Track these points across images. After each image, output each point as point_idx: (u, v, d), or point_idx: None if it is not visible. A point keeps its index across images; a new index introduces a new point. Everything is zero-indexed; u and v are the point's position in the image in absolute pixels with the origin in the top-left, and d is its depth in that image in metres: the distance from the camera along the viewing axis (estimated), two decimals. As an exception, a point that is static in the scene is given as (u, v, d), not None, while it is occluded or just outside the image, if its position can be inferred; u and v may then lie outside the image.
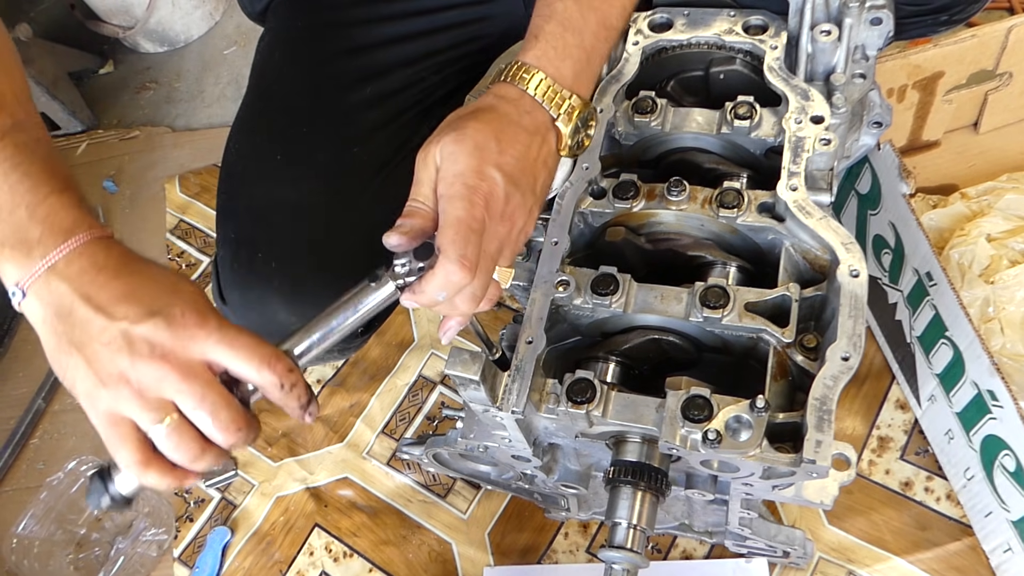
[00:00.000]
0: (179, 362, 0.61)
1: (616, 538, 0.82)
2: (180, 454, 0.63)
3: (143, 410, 0.61)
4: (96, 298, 0.62)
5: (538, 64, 0.81)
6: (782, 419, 0.77)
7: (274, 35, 1.15)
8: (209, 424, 0.62)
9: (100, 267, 0.64)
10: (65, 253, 0.63)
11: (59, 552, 1.32)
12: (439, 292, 0.71)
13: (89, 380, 0.62)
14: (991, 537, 1.07)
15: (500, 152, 0.75)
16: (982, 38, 1.22)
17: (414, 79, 1.08)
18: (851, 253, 0.80)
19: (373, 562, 1.24)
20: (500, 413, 0.79)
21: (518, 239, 0.77)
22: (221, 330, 0.63)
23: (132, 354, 0.61)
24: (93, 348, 0.61)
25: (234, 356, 0.63)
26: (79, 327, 0.62)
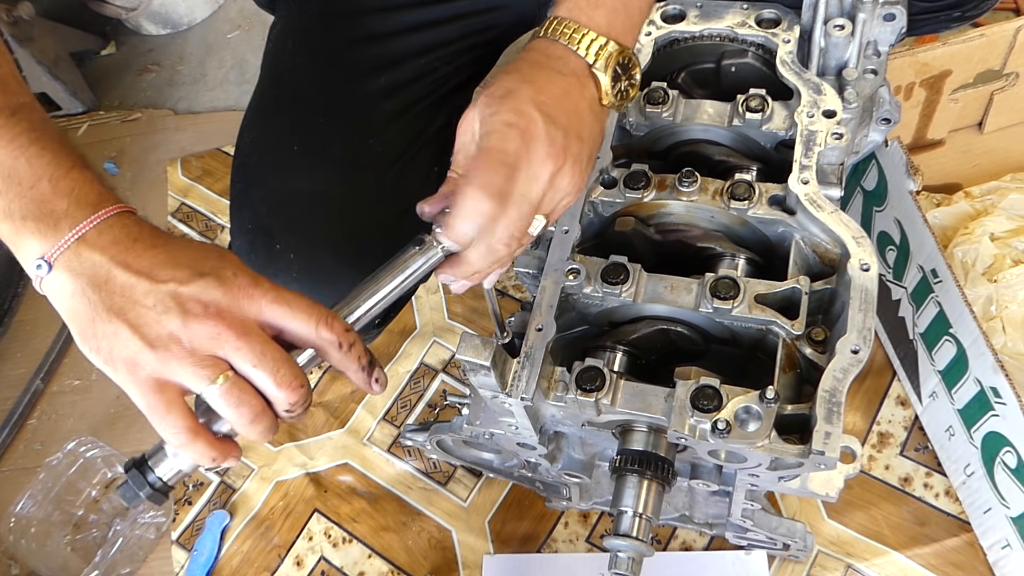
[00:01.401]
0: (234, 320, 0.59)
1: (622, 526, 0.82)
2: (239, 412, 0.60)
3: (197, 368, 0.59)
4: (136, 264, 0.60)
5: (569, 15, 0.77)
6: (790, 411, 0.77)
7: (286, 23, 1.14)
8: (269, 381, 0.60)
9: (134, 238, 0.62)
10: (96, 224, 0.61)
11: (56, 533, 1.32)
12: (466, 223, 0.67)
13: (134, 344, 0.59)
14: (990, 533, 1.08)
15: (537, 92, 0.71)
16: (990, 37, 1.22)
17: (427, 69, 1.08)
18: (861, 247, 0.80)
19: (372, 548, 1.24)
20: (509, 399, 0.79)
21: (565, 187, 0.72)
22: (276, 290, 0.62)
23: (184, 313, 0.59)
24: (137, 311, 0.59)
25: (291, 315, 0.62)
26: (119, 293, 0.59)
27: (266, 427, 0.62)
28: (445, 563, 1.21)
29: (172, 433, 0.61)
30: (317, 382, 1.40)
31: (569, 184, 0.72)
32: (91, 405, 1.49)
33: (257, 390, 0.61)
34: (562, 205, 0.74)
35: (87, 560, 1.27)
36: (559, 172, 0.71)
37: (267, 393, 0.61)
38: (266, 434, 0.63)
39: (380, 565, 1.23)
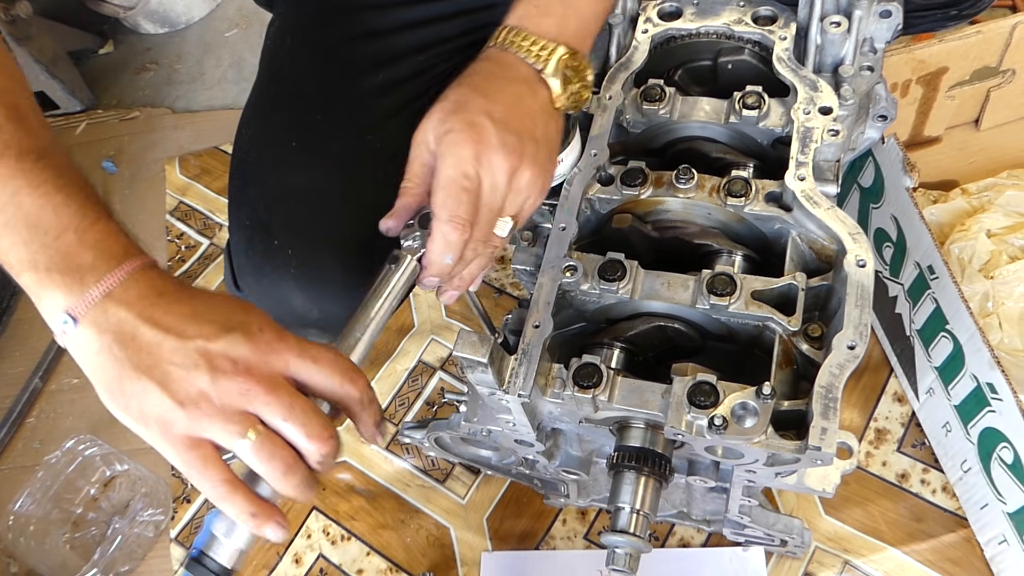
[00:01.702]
0: (263, 375, 0.60)
1: (619, 522, 0.83)
2: (271, 466, 0.60)
3: (227, 424, 0.59)
4: (163, 320, 0.60)
5: (518, 24, 0.81)
6: (787, 407, 0.77)
7: (284, 20, 1.14)
8: (299, 434, 0.61)
9: (160, 292, 0.61)
10: (121, 279, 0.61)
11: (55, 531, 1.32)
12: (443, 255, 0.71)
13: (164, 403, 0.59)
14: (986, 529, 1.08)
15: (488, 102, 0.74)
16: (987, 35, 1.22)
17: (425, 66, 1.08)
18: (858, 243, 0.80)
19: (371, 546, 1.24)
20: (506, 396, 0.80)
21: (526, 188, 0.75)
22: (302, 344, 0.63)
23: (212, 371, 0.59)
24: (165, 369, 0.59)
25: (318, 370, 0.63)
26: (145, 351, 0.59)
27: (300, 480, 0.63)
28: (443, 560, 1.21)
29: (210, 487, 0.61)
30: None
31: (529, 183, 0.75)
32: (90, 403, 1.49)
33: (288, 443, 0.62)
34: (528, 205, 0.77)
35: (86, 558, 1.27)
36: (516, 173, 0.73)
37: (298, 446, 0.62)
38: (302, 488, 0.63)
39: (378, 562, 1.23)
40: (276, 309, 1.01)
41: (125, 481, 1.36)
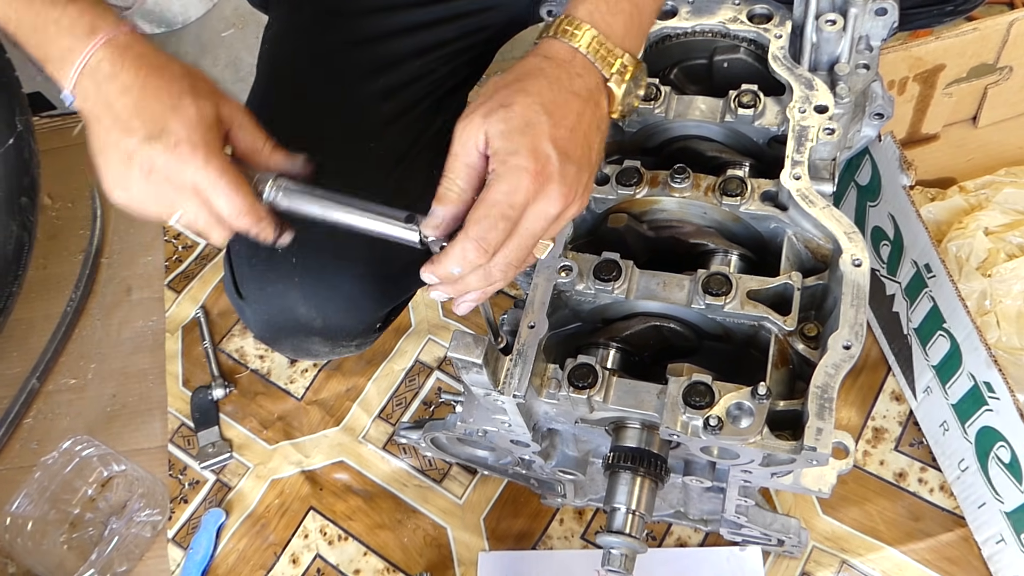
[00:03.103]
0: (174, 183, 0.71)
1: (615, 523, 0.82)
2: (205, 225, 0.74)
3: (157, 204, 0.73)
4: (112, 107, 0.71)
5: (589, 19, 0.75)
6: (782, 407, 0.77)
7: (281, 24, 1.14)
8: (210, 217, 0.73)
9: (115, 74, 0.71)
10: (88, 58, 0.71)
11: (53, 532, 1.32)
12: (453, 266, 0.70)
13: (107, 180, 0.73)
14: (984, 528, 1.08)
15: (554, 125, 0.70)
16: (983, 32, 1.22)
17: (424, 70, 1.07)
18: (853, 242, 0.80)
19: (368, 546, 1.24)
20: (501, 397, 0.79)
21: (571, 215, 0.74)
22: (206, 168, 0.70)
23: (139, 168, 0.71)
24: (108, 157, 0.72)
25: (213, 195, 0.71)
26: (101, 134, 0.71)
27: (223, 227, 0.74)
28: (440, 560, 1.21)
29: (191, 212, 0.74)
30: (314, 379, 1.40)
31: (574, 212, 0.74)
32: (87, 404, 1.49)
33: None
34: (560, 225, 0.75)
35: (83, 558, 1.27)
36: (569, 206, 0.72)
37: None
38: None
39: (376, 563, 1.23)
40: (280, 317, 1.01)
41: (122, 481, 1.35)
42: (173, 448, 1.39)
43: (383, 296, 1.03)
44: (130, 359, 1.53)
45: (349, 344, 1.09)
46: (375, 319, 1.06)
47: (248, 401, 1.40)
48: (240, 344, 1.47)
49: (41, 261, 1.67)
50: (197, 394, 1.42)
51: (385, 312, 1.07)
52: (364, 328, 1.06)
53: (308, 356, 1.20)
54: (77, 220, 1.74)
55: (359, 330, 1.05)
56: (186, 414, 1.41)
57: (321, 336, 1.03)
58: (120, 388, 1.49)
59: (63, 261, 1.68)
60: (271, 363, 1.44)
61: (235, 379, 1.43)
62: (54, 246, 1.71)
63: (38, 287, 1.64)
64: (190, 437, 1.39)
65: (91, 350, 1.56)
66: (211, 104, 0.74)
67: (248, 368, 1.44)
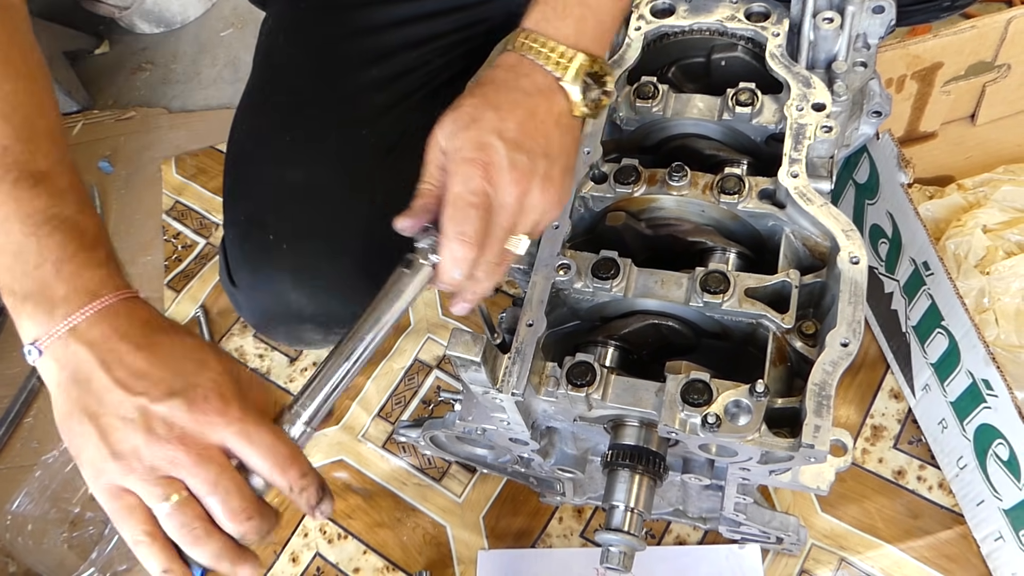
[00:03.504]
0: (195, 446, 0.60)
1: (613, 521, 0.82)
2: (183, 533, 0.61)
3: (151, 487, 0.60)
4: (116, 368, 0.61)
5: (536, 28, 0.78)
6: (780, 404, 0.77)
7: (277, 18, 1.14)
8: (219, 509, 0.61)
9: (123, 334, 0.62)
10: (88, 316, 0.61)
11: (53, 530, 1.32)
12: (454, 271, 0.71)
13: (98, 452, 0.60)
14: (982, 525, 1.08)
15: (500, 119, 0.72)
16: (981, 29, 1.22)
17: (419, 62, 1.08)
18: (851, 240, 0.80)
19: (367, 544, 1.24)
20: (500, 395, 0.80)
21: (539, 206, 0.74)
22: (242, 421, 0.62)
23: (148, 432, 0.60)
24: (108, 420, 0.60)
25: (252, 452, 0.62)
26: (95, 397, 0.60)
27: (214, 551, 0.62)
28: (440, 559, 1.21)
29: (129, 537, 0.61)
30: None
31: (541, 202, 0.74)
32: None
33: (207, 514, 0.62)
34: (544, 221, 0.76)
35: (84, 557, 1.27)
36: (526, 194, 0.72)
37: (218, 521, 0.62)
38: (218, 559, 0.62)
39: (375, 561, 1.23)
40: (272, 304, 1.01)
41: (122, 481, 1.36)
42: (173, 447, 1.39)
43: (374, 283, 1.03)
44: (130, 359, 1.53)
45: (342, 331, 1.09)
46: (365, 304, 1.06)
47: (248, 400, 1.40)
48: (240, 343, 1.47)
49: (41, 261, 1.68)
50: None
51: None
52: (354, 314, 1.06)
53: (303, 344, 1.20)
54: (77, 220, 1.74)
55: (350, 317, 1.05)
56: (186, 413, 1.42)
57: (313, 323, 1.03)
58: (120, 387, 1.50)
59: (63, 261, 1.68)
60: (271, 362, 1.44)
61: (235, 378, 1.43)
62: (54, 246, 1.71)
63: (38, 287, 1.64)
64: (190, 436, 1.39)
65: (91, 350, 1.56)
66: (232, 363, 0.67)
67: (248, 367, 1.44)
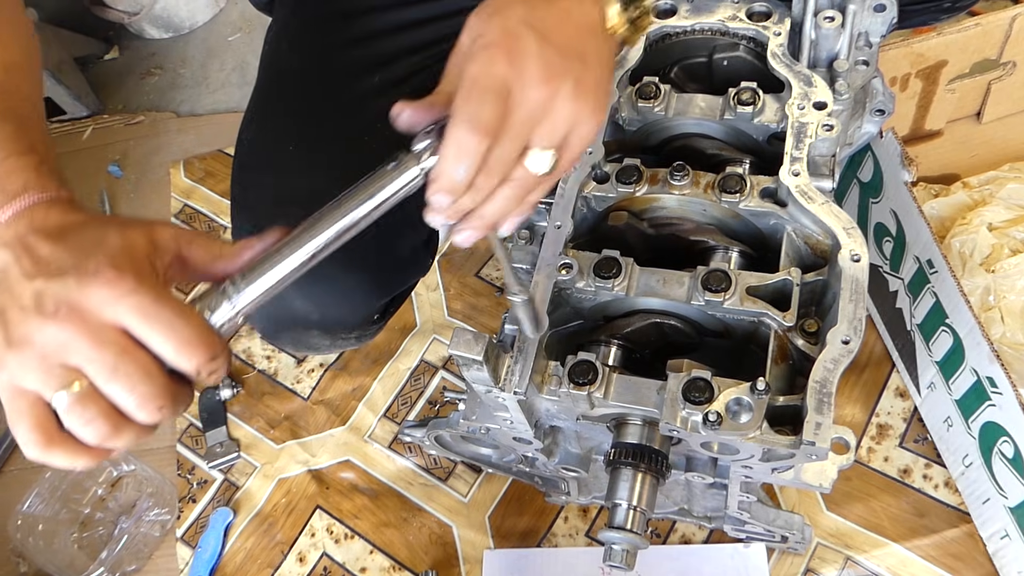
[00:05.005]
0: (90, 325, 0.54)
1: (616, 519, 0.83)
2: (87, 431, 0.55)
3: (44, 375, 0.54)
4: (24, 261, 0.56)
5: None
6: (782, 402, 0.77)
7: (281, 25, 1.15)
8: (125, 399, 0.55)
9: (38, 229, 0.58)
10: (7, 216, 0.59)
11: (63, 531, 1.33)
12: (456, 166, 0.60)
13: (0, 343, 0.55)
14: (988, 524, 1.08)
15: (530, 10, 0.64)
16: (986, 27, 1.22)
17: (419, 67, 1.08)
18: (852, 238, 0.80)
19: (374, 544, 1.25)
20: (502, 394, 0.80)
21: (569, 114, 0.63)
22: (136, 293, 0.55)
23: (39, 313, 0.54)
24: (9, 312, 0.55)
25: (148, 330, 0.55)
26: (6, 292, 0.56)
27: (127, 441, 0.57)
28: (446, 558, 1.22)
29: (22, 443, 0.56)
30: (317, 383, 1.41)
31: (573, 110, 0.63)
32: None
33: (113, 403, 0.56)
34: (576, 138, 0.65)
35: (93, 557, 1.28)
36: (557, 95, 0.62)
37: (124, 412, 0.56)
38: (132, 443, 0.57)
39: (381, 560, 1.23)
40: (276, 311, 1.02)
41: (131, 481, 1.36)
42: (181, 448, 1.40)
43: (379, 287, 1.03)
44: (139, 360, 1.54)
45: (348, 336, 1.09)
46: (372, 311, 1.07)
47: (255, 401, 1.42)
48: (247, 345, 1.48)
49: (51, 264, 1.69)
50: (205, 394, 1.43)
51: (382, 303, 1.07)
52: (361, 320, 1.06)
53: (309, 350, 1.20)
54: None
55: (356, 322, 1.06)
56: (194, 414, 1.43)
57: (319, 329, 1.04)
58: (129, 389, 1.51)
59: (72, 264, 1.70)
60: (278, 363, 1.45)
61: (242, 379, 1.44)
62: (64, 249, 1.72)
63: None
64: (198, 437, 1.40)
65: (100, 352, 1.57)
66: (143, 232, 0.60)
67: (255, 368, 1.45)
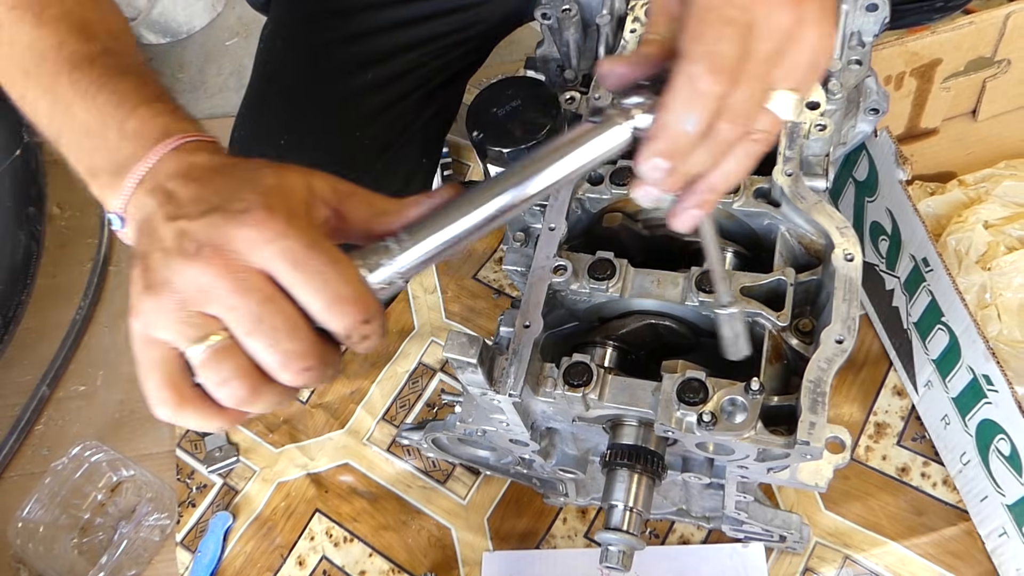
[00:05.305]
0: (233, 268, 0.47)
1: (612, 520, 0.83)
2: (224, 391, 0.49)
3: (180, 324, 0.48)
4: (168, 205, 0.51)
5: None
6: (777, 402, 0.77)
7: (276, 23, 1.16)
8: (267, 356, 0.48)
9: (182, 173, 0.53)
10: (152, 164, 0.54)
11: (63, 536, 1.33)
12: (686, 116, 0.50)
13: (135, 290, 0.49)
14: (987, 521, 1.08)
15: None
16: (980, 25, 1.22)
17: (415, 64, 1.09)
18: (846, 237, 0.80)
19: (373, 547, 1.25)
20: (497, 396, 0.80)
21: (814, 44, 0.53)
22: (286, 237, 0.48)
23: (181, 254, 0.48)
24: (150, 255, 0.50)
25: (298, 280, 0.48)
26: (149, 236, 0.51)
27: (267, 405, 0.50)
28: (445, 561, 1.22)
29: (152, 400, 0.51)
30: (318, 383, 1.41)
31: (818, 39, 0.53)
32: (96, 410, 1.50)
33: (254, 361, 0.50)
34: (811, 76, 0.55)
35: (93, 563, 1.28)
36: (801, 23, 0.52)
37: (265, 370, 0.49)
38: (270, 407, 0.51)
39: (381, 563, 1.24)
40: None
41: (131, 486, 1.37)
42: (181, 452, 1.41)
43: None
44: (138, 365, 1.54)
45: None
46: None
47: (254, 405, 1.41)
48: (246, 349, 1.48)
49: (51, 270, 1.69)
50: (188, 361, 1.43)
51: None
52: None
53: None
54: (86, 229, 1.76)
55: None
56: (193, 419, 1.43)
57: None
58: (128, 394, 1.51)
59: (72, 270, 1.70)
60: (277, 367, 1.45)
61: (241, 383, 1.44)
62: (63, 255, 1.72)
63: (48, 296, 1.66)
64: (197, 441, 1.40)
65: (100, 357, 1.57)
66: (300, 176, 0.55)
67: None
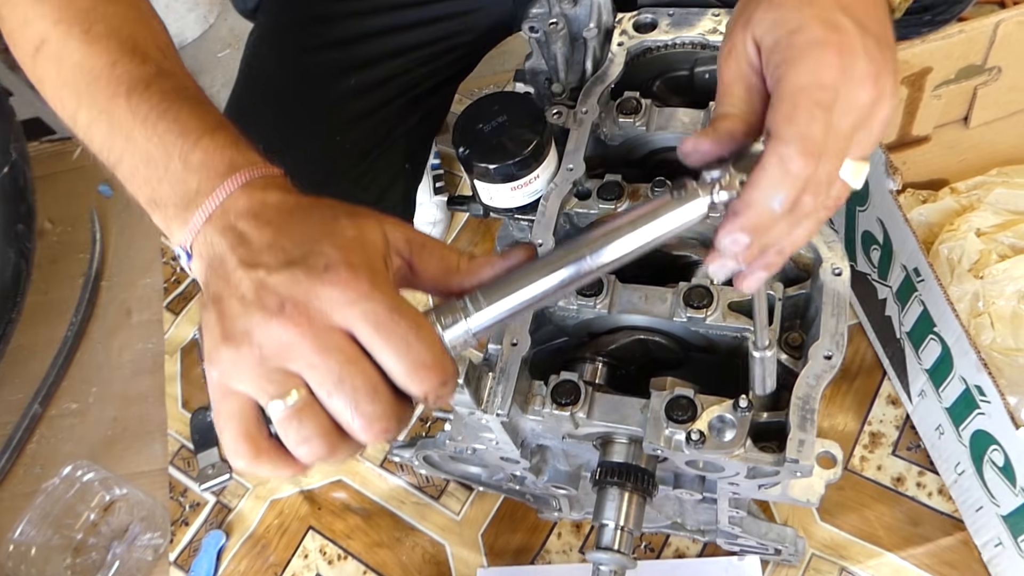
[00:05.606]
0: (316, 328, 0.47)
1: (603, 539, 0.82)
2: (303, 449, 0.49)
3: (261, 380, 0.48)
4: (241, 248, 0.51)
5: None
6: (766, 418, 0.77)
7: (262, 30, 1.15)
8: (347, 416, 0.48)
9: (253, 213, 0.53)
10: (221, 200, 0.54)
11: (56, 557, 1.32)
12: (774, 195, 0.51)
13: (212, 338, 0.49)
14: (982, 531, 1.07)
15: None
16: (970, 33, 1.21)
17: (400, 70, 1.08)
18: (833, 251, 0.80)
19: (367, 564, 1.24)
20: (485, 416, 0.79)
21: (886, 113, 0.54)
22: (370, 300, 0.48)
23: (261, 309, 0.48)
24: (227, 302, 0.49)
25: (379, 343, 0.48)
26: (222, 279, 0.50)
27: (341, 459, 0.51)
28: (439, 577, 1.21)
29: (228, 451, 0.51)
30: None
31: (889, 108, 0.54)
32: (88, 427, 1.50)
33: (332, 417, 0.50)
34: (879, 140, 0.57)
35: (86, 583, 1.28)
36: (881, 96, 0.53)
37: (342, 426, 0.49)
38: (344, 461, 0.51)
39: (375, 581, 1.23)
40: None
41: (124, 506, 1.36)
42: (173, 470, 1.40)
43: None
44: (130, 382, 1.54)
45: None
46: None
47: (247, 421, 1.41)
48: (238, 364, 1.48)
49: (42, 286, 1.69)
50: (196, 415, 1.43)
51: None
52: None
53: None
54: (77, 244, 1.76)
55: None
56: (186, 436, 1.42)
57: None
58: (121, 411, 1.50)
59: (64, 285, 1.70)
60: (269, 383, 1.45)
61: (234, 400, 1.44)
62: (55, 271, 1.72)
63: (40, 312, 1.66)
64: (190, 459, 1.40)
65: (92, 374, 1.57)
66: (377, 226, 0.53)
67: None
